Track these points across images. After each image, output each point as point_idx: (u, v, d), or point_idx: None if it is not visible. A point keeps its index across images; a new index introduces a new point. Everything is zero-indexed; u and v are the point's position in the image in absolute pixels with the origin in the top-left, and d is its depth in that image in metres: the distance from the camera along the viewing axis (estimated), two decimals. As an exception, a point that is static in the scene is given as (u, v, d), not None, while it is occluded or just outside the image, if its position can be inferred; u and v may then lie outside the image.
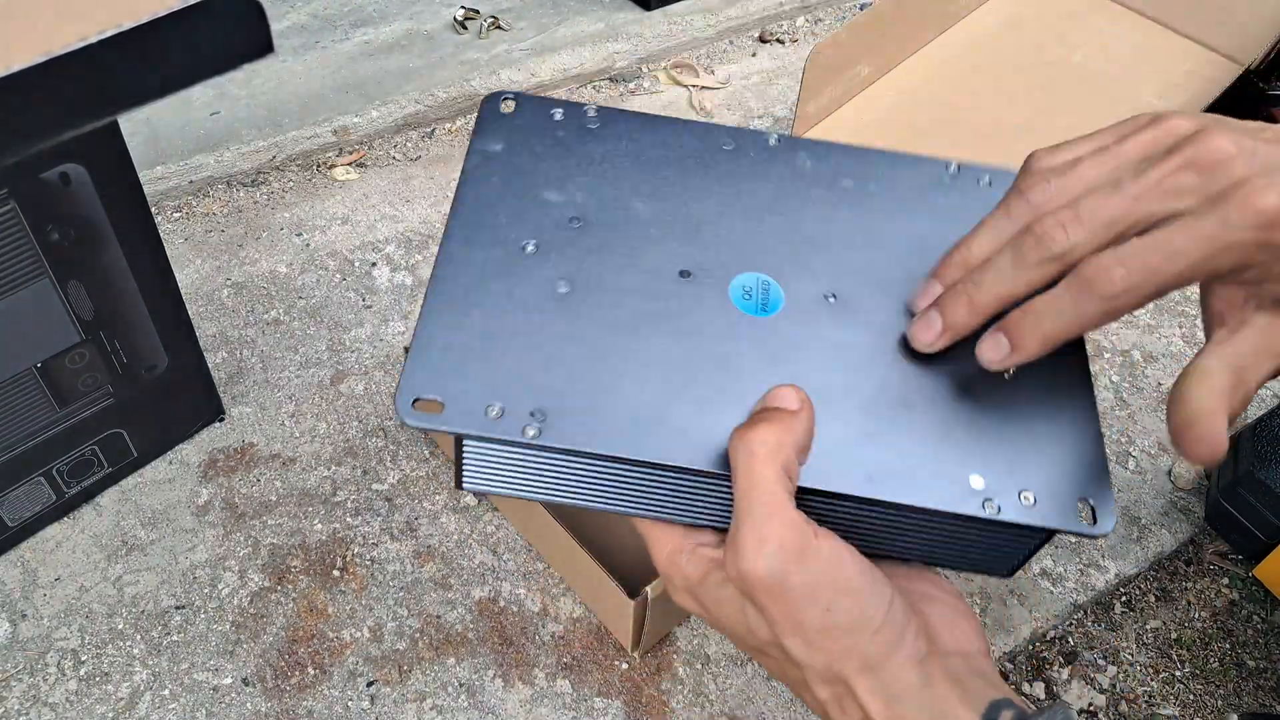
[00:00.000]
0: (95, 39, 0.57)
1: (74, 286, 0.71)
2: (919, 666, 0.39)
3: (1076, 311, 0.38)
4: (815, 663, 0.38)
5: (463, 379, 0.41)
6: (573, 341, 0.42)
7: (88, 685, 0.75)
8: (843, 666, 0.38)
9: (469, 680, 0.77)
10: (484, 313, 0.42)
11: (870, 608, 0.38)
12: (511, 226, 0.45)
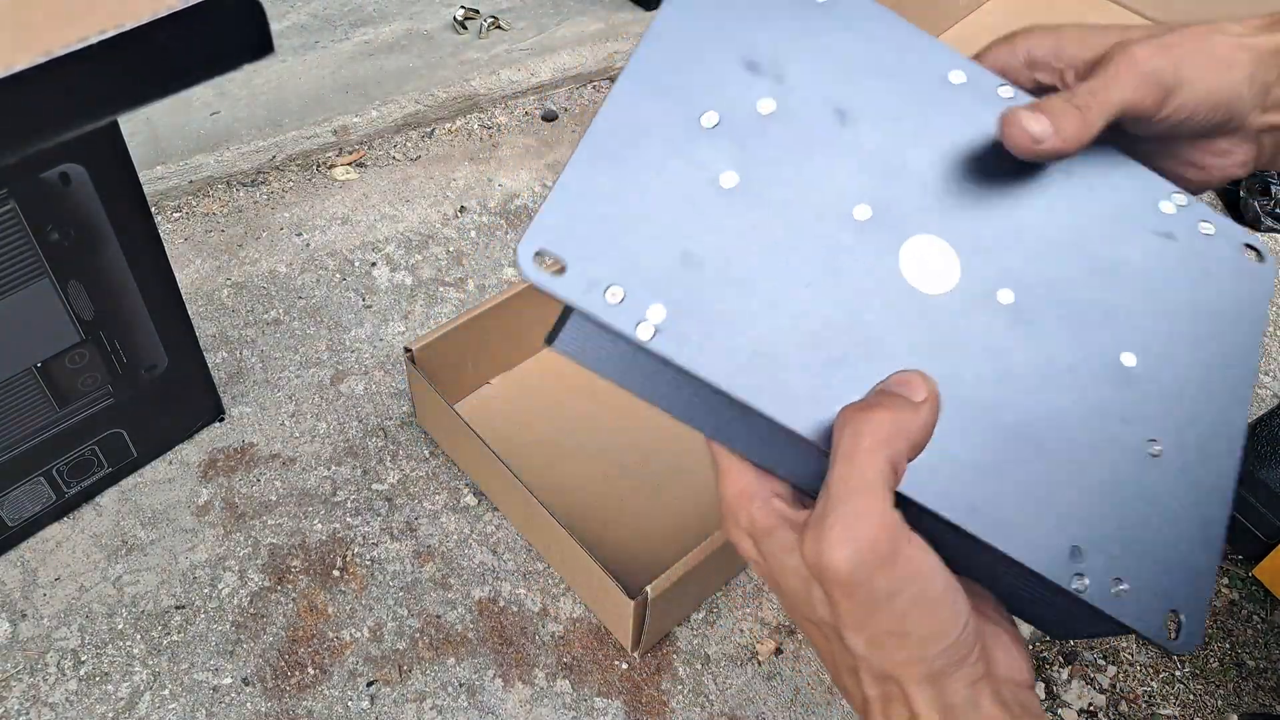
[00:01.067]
0: (95, 39, 0.57)
1: (74, 286, 0.71)
2: (972, 687, 0.38)
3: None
4: (874, 661, 0.37)
5: (593, 246, 0.36)
6: (719, 247, 0.38)
7: (88, 685, 0.75)
8: (903, 673, 0.37)
9: (469, 680, 0.77)
10: (637, 179, 0.37)
11: (946, 624, 0.37)
12: (698, 88, 0.39)
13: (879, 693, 0.38)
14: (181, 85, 0.63)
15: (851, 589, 0.35)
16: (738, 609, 0.82)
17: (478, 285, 1.04)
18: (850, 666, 0.38)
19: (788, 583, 0.38)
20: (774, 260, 0.38)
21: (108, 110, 0.61)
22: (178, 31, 0.60)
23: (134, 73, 0.60)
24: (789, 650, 0.79)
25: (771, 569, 0.39)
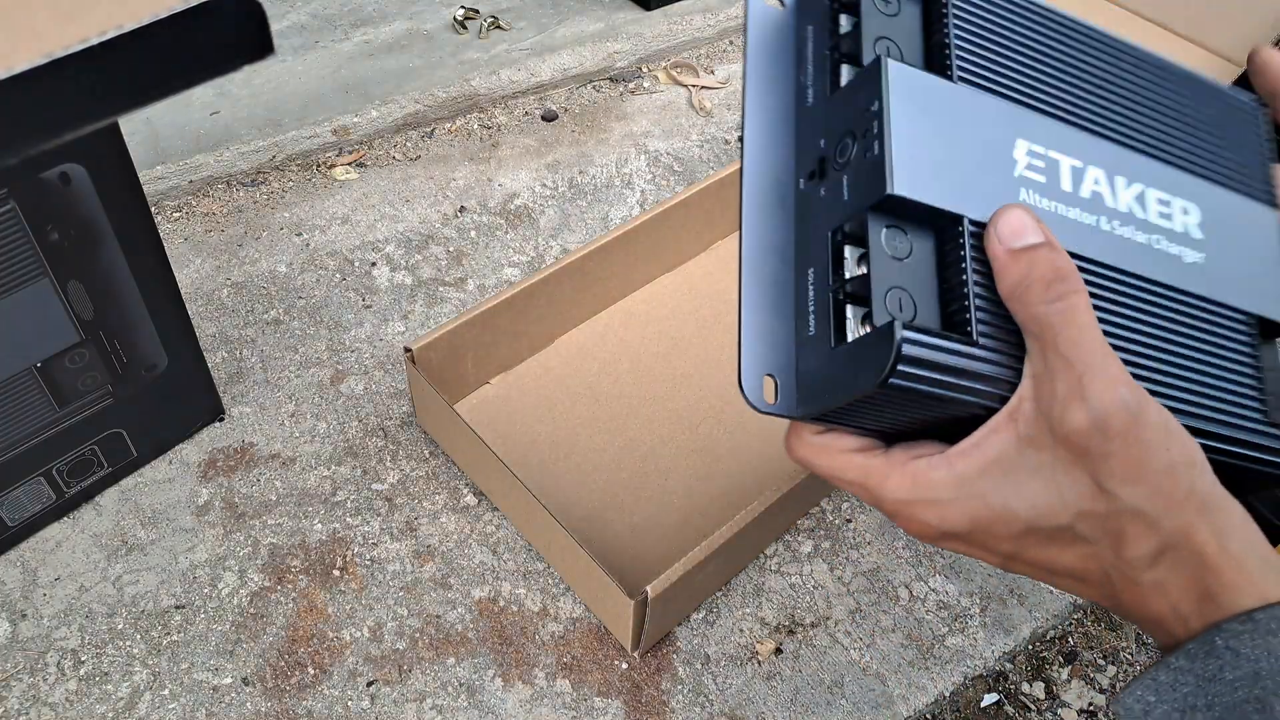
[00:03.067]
0: (95, 40, 0.57)
1: (74, 286, 0.71)
2: (1234, 502, 0.39)
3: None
4: (1153, 510, 0.37)
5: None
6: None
7: (87, 685, 0.75)
8: (1183, 510, 0.37)
9: (469, 680, 0.77)
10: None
11: (1194, 449, 0.38)
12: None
13: (1158, 548, 0.37)
14: (182, 86, 0.63)
15: (1128, 430, 0.36)
16: (738, 609, 0.82)
17: (478, 285, 1.04)
18: (1119, 540, 0.38)
19: (1020, 501, 0.38)
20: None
21: (108, 111, 0.61)
22: (178, 32, 0.60)
23: (134, 74, 0.60)
24: (789, 650, 0.80)
25: (990, 509, 0.38)
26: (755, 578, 0.84)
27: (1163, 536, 0.37)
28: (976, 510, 0.38)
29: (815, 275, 0.41)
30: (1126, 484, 0.36)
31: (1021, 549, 0.39)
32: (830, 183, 0.42)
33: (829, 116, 0.43)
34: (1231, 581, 0.37)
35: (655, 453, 0.89)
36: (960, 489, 0.38)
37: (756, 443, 0.90)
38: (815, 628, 0.81)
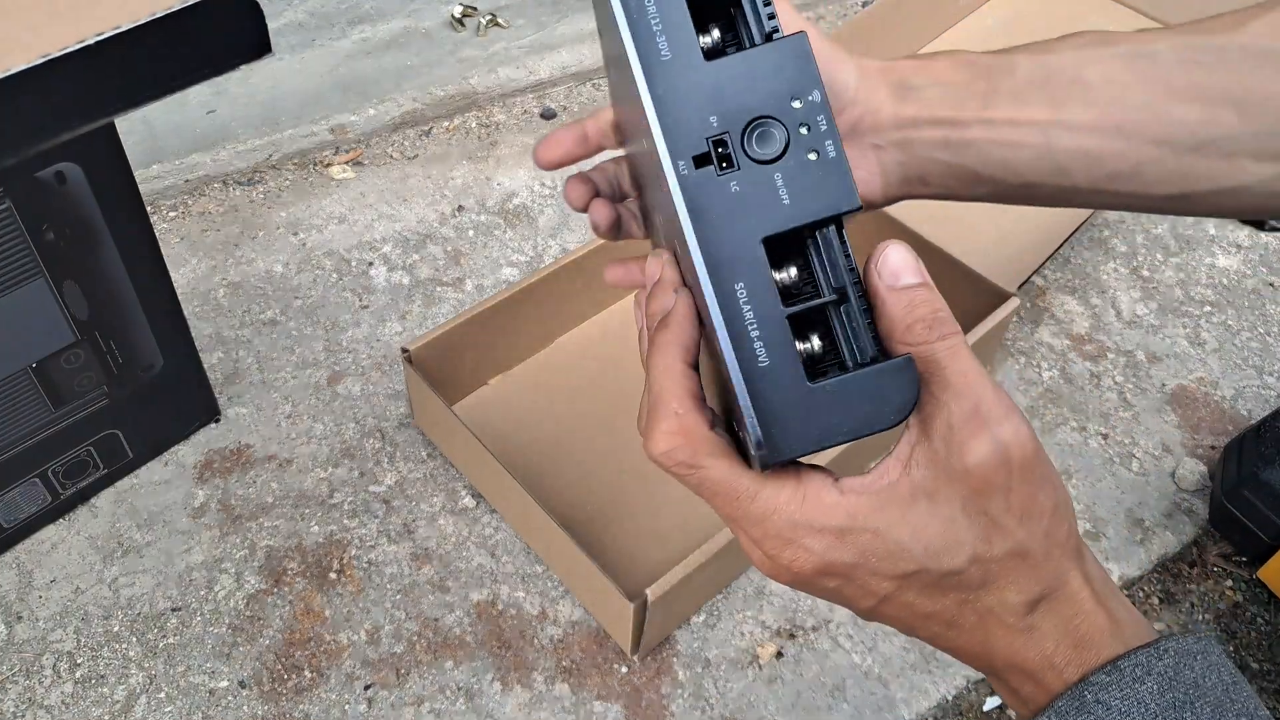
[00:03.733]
0: (92, 40, 0.57)
1: (69, 286, 0.70)
2: (1088, 552, 0.39)
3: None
4: (1042, 551, 0.36)
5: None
6: None
7: (83, 688, 0.75)
8: (1063, 554, 0.37)
9: (467, 684, 0.76)
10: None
11: (1064, 491, 0.38)
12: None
13: (1038, 594, 0.37)
14: (179, 85, 0.63)
15: (1029, 467, 0.35)
16: (738, 612, 0.81)
17: (475, 285, 1.03)
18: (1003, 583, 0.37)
19: (920, 543, 0.36)
20: None
21: (105, 111, 0.61)
22: (175, 31, 0.60)
23: (131, 73, 0.60)
24: (790, 654, 0.79)
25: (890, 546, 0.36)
26: (756, 580, 0.83)
27: (1044, 581, 0.37)
28: (868, 545, 0.36)
29: (749, 292, 0.36)
30: (1022, 522, 0.36)
31: (900, 591, 0.37)
32: (747, 179, 0.35)
33: (719, 89, 0.36)
34: (1103, 626, 0.37)
35: (655, 454, 0.89)
36: (855, 519, 0.36)
37: (757, 444, 0.90)
38: (816, 631, 0.81)
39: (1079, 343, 1.03)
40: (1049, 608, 0.37)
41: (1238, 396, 0.99)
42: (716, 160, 0.36)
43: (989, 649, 0.38)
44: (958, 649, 0.39)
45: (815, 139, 0.35)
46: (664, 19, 0.35)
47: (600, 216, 0.53)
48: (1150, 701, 0.35)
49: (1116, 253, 1.13)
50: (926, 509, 0.36)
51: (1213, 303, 1.08)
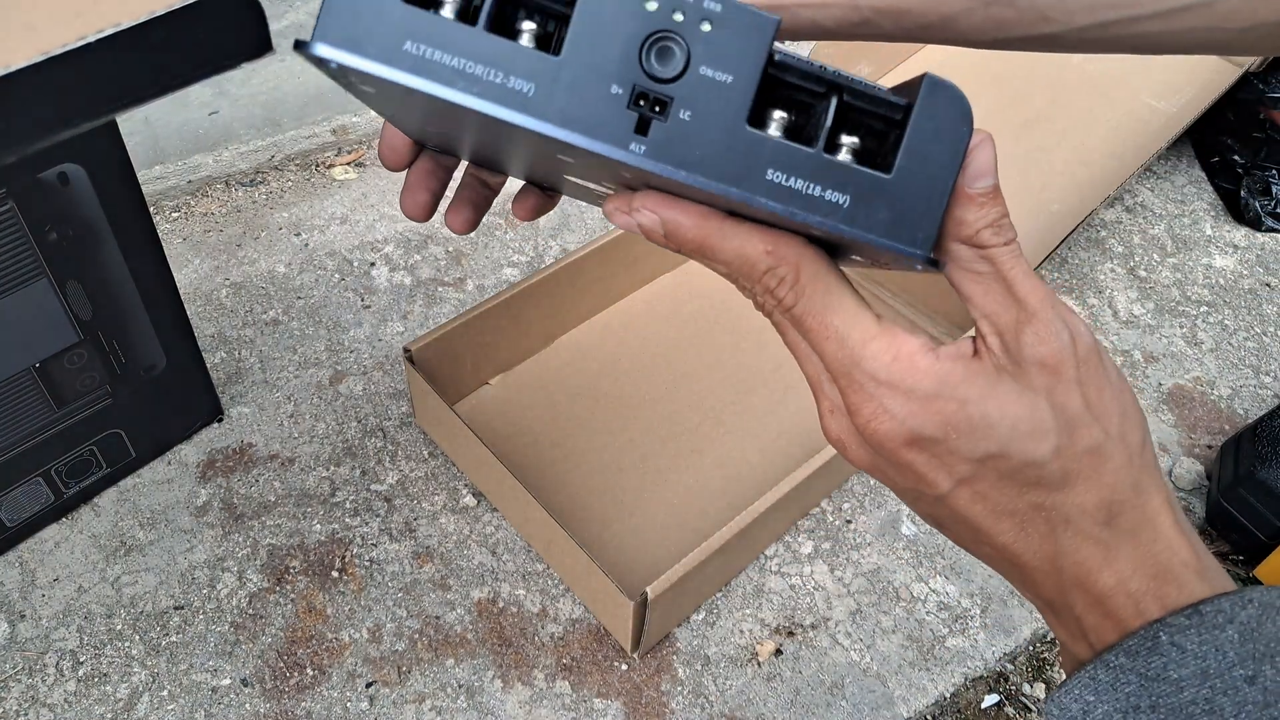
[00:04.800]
0: (93, 38, 0.57)
1: (72, 286, 0.71)
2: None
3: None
4: (1118, 456, 0.35)
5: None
6: None
7: (86, 686, 0.75)
8: (1140, 468, 0.35)
9: (468, 681, 0.76)
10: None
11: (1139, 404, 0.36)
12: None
13: (1114, 502, 0.35)
14: (180, 84, 0.63)
15: (1092, 360, 0.34)
16: (737, 610, 0.82)
17: (477, 285, 1.04)
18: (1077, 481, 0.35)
19: (1006, 419, 0.34)
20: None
21: (106, 109, 0.61)
22: (176, 30, 0.60)
23: (132, 72, 0.60)
24: (789, 651, 0.79)
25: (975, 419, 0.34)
26: (755, 578, 0.83)
27: (1120, 489, 0.35)
28: (953, 415, 0.34)
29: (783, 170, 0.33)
30: (1097, 417, 0.34)
31: (979, 474, 0.35)
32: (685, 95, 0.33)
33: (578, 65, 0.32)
34: (1187, 560, 0.35)
35: (655, 453, 0.89)
36: (943, 386, 0.34)
37: (757, 443, 0.90)
38: (815, 629, 0.81)
39: (1077, 342, 1.03)
40: (1127, 526, 0.35)
41: (1234, 396, 1.00)
42: (652, 115, 0.33)
43: (1058, 564, 0.36)
44: (1023, 564, 0.36)
45: (693, 14, 0.32)
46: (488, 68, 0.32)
47: (460, 220, 0.51)
48: (1229, 650, 0.33)
49: (1113, 253, 1.13)
50: (1012, 388, 0.34)
51: (1209, 303, 1.08)
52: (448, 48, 0.31)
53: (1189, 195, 1.22)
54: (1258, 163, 1.18)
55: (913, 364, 0.34)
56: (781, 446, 0.90)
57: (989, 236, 0.34)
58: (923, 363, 0.34)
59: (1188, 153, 1.27)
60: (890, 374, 0.34)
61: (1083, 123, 1.15)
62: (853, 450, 0.37)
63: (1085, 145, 1.13)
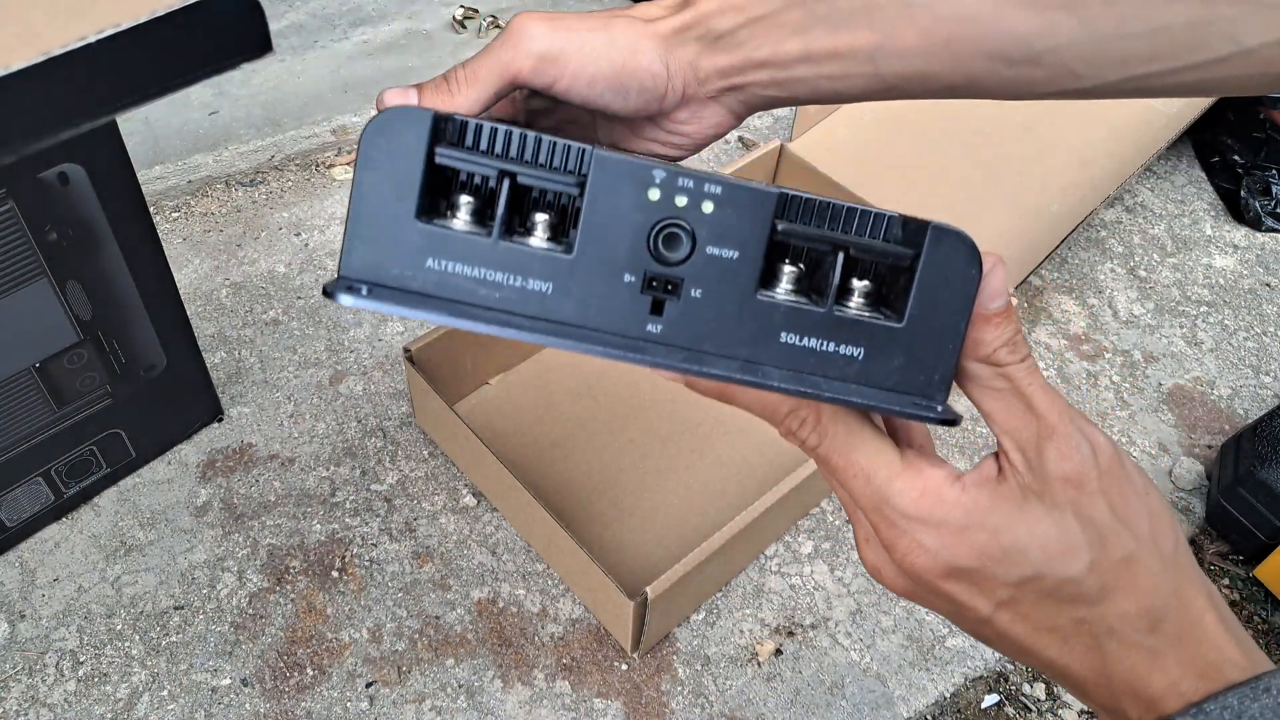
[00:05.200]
0: (94, 38, 0.57)
1: (72, 286, 0.71)
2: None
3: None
4: (1152, 562, 0.35)
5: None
6: None
7: (86, 686, 0.75)
8: (1176, 569, 0.35)
9: (468, 681, 0.77)
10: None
11: (1167, 502, 0.36)
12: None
13: (1157, 609, 0.35)
14: (180, 84, 0.63)
15: (1115, 470, 0.35)
16: (737, 610, 0.82)
17: (477, 285, 1.04)
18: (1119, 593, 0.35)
19: (1037, 542, 0.34)
20: None
21: (106, 109, 0.61)
22: (176, 30, 0.60)
23: (133, 72, 0.60)
24: (789, 651, 0.79)
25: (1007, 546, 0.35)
26: (755, 578, 0.83)
27: (1160, 594, 0.35)
28: (986, 544, 0.35)
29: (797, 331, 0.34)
30: (1123, 525, 0.35)
31: (1018, 597, 0.35)
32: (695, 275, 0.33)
33: (591, 262, 0.33)
34: (1234, 659, 0.35)
35: (655, 453, 0.89)
36: (973, 516, 0.35)
37: (757, 443, 0.90)
38: (815, 629, 0.81)
39: (1076, 342, 1.03)
40: (1171, 631, 0.35)
41: (1234, 396, 1.00)
42: (665, 296, 0.33)
43: (1107, 674, 0.36)
44: (1072, 676, 0.37)
45: (695, 197, 0.33)
46: (507, 274, 0.33)
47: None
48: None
49: (1113, 253, 1.13)
50: (1039, 509, 0.35)
51: (1209, 303, 1.08)
52: (467, 260, 0.33)
53: (1189, 195, 1.22)
54: (1258, 163, 1.18)
55: (940, 497, 0.35)
56: (781, 446, 0.90)
57: (1005, 355, 0.35)
58: (950, 494, 0.35)
59: (1188, 152, 1.27)
60: (920, 509, 0.35)
61: (1082, 123, 1.15)
62: (889, 578, 0.38)
63: (1085, 145, 1.13)
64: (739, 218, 0.33)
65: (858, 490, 0.36)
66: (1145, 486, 0.36)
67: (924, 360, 0.34)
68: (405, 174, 0.32)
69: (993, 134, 1.15)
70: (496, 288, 0.33)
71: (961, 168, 1.12)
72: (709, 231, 0.33)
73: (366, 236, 0.32)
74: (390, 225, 0.32)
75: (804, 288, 0.34)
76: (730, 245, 0.33)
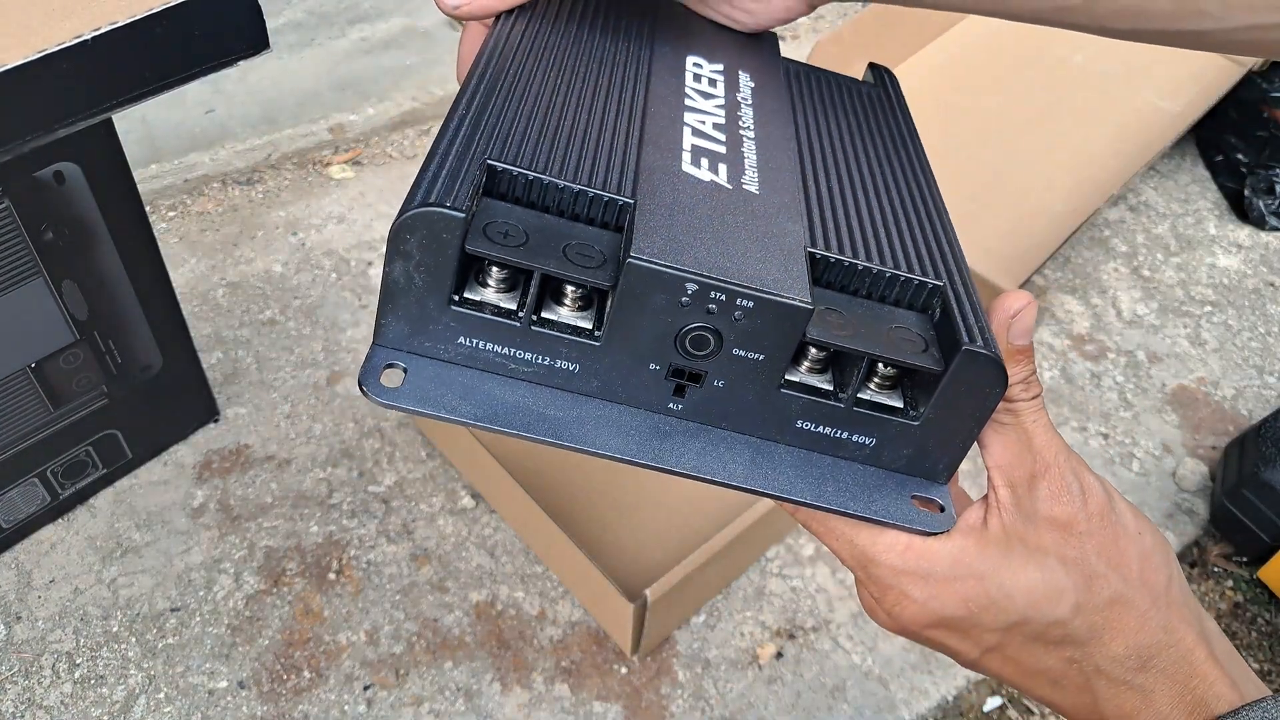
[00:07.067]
0: (90, 35, 0.57)
1: (68, 286, 0.70)
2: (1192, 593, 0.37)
3: None
4: (1143, 602, 0.35)
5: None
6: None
7: (82, 688, 0.75)
8: (1167, 606, 0.35)
9: (466, 684, 0.76)
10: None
11: (1164, 539, 0.36)
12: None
13: (1147, 648, 0.35)
14: (177, 81, 0.62)
15: (1106, 514, 0.35)
16: (738, 612, 0.81)
17: (476, 285, 1.03)
18: (1108, 635, 0.35)
19: (1021, 587, 0.34)
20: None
21: (104, 106, 0.61)
22: (173, 28, 0.60)
23: (129, 69, 0.60)
24: (790, 654, 0.79)
25: (993, 593, 0.35)
26: (756, 581, 0.83)
27: (1150, 633, 0.35)
28: (972, 593, 0.35)
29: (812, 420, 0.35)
30: (1114, 568, 0.35)
31: (1006, 641, 0.36)
32: (718, 369, 0.34)
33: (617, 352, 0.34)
34: (1224, 694, 0.35)
35: (655, 454, 0.89)
36: (958, 566, 0.35)
37: (757, 444, 0.90)
38: (816, 631, 0.80)
39: (1079, 342, 1.03)
40: (1162, 667, 0.35)
41: (1238, 396, 0.99)
42: (688, 384, 0.34)
43: (1099, 711, 0.36)
44: (1065, 711, 0.37)
45: (726, 309, 0.32)
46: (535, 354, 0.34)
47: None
48: None
49: (1117, 252, 1.13)
50: (1024, 554, 0.35)
51: (1213, 302, 1.08)
52: (498, 341, 0.33)
53: (1193, 194, 1.21)
54: (1262, 161, 1.17)
55: (925, 549, 0.35)
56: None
57: (1019, 391, 0.35)
58: (934, 545, 0.35)
59: (1191, 151, 1.27)
60: (905, 562, 0.35)
61: (1086, 122, 1.15)
62: (882, 620, 0.38)
63: (1089, 144, 1.12)
64: (768, 330, 0.33)
65: (841, 552, 0.36)
66: (1138, 527, 0.36)
67: (932, 453, 0.35)
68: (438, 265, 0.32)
69: (996, 133, 1.15)
70: (526, 364, 0.34)
71: (965, 167, 1.12)
72: (737, 337, 0.33)
73: (400, 319, 0.33)
74: (423, 311, 0.33)
75: (826, 378, 0.35)
76: (757, 350, 0.33)
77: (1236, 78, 1.15)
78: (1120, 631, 0.35)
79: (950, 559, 0.35)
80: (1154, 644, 0.35)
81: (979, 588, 0.35)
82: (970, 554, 0.35)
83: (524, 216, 0.33)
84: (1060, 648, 0.35)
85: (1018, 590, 0.35)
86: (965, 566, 0.35)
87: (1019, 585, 0.35)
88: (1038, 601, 0.35)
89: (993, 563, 0.35)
